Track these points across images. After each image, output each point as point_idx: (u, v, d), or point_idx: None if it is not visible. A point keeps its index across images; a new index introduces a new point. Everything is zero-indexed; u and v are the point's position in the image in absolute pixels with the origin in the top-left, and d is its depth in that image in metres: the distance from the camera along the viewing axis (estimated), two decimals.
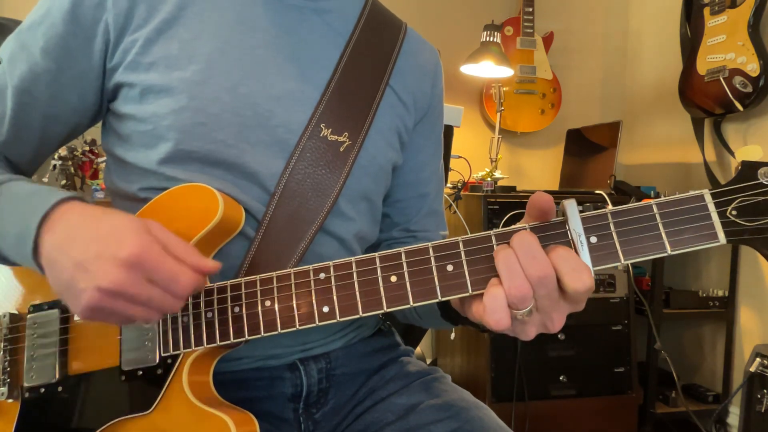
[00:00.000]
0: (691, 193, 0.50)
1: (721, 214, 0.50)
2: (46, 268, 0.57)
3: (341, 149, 0.73)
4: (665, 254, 0.50)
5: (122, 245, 0.53)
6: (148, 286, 0.54)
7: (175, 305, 0.56)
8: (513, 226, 0.54)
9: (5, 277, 0.72)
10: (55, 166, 1.91)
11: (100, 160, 2.04)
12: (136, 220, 0.56)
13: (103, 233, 0.55)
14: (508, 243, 0.52)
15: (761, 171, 0.48)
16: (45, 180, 1.90)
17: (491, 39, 2.52)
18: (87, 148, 2.02)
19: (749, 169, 0.49)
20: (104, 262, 0.53)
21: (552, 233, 0.53)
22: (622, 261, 0.51)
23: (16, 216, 0.59)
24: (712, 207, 0.50)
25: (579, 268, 0.50)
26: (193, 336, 0.61)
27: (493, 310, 0.50)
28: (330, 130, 0.72)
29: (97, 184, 2.00)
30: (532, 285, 0.50)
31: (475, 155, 2.50)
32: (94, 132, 0.76)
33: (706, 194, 0.50)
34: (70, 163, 1.94)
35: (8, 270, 0.72)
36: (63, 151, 1.86)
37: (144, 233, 0.55)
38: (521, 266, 0.50)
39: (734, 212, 0.49)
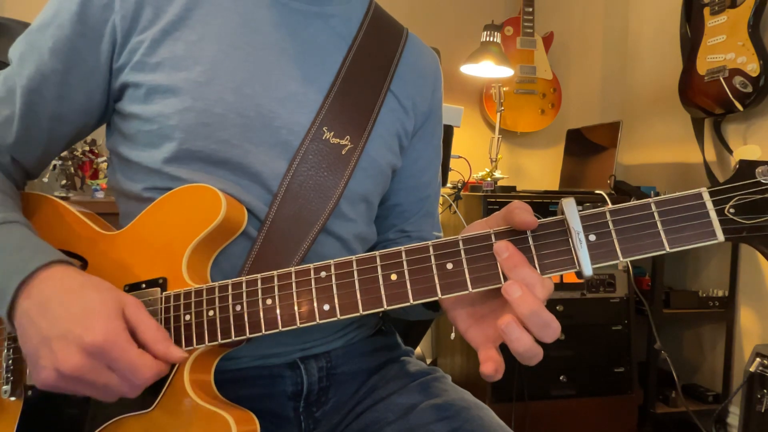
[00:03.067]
0: (690, 191, 0.51)
1: (719, 212, 0.50)
2: (17, 330, 0.59)
3: (343, 152, 0.73)
4: (663, 252, 0.51)
5: (88, 330, 0.54)
6: (106, 373, 0.55)
7: (132, 393, 0.58)
8: (511, 227, 0.54)
9: None
10: (55, 166, 1.91)
11: (100, 160, 2.04)
12: (110, 300, 0.58)
13: (75, 312, 0.56)
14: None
15: (759, 170, 0.49)
16: (45, 180, 1.91)
17: (491, 39, 2.53)
18: (87, 148, 2.03)
19: (747, 167, 0.50)
20: (67, 345, 0.54)
21: (551, 231, 0.53)
22: (621, 258, 0.51)
23: (1, 268, 0.60)
24: (710, 205, 0.50)
25: (538, 283, 0.53)
26: (194, 334, 0.62)
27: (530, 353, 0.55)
28: (332, 133, 0.73)
29: (97, 184, 2.00)
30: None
31: (475, 155, 2.50)
32: (95, 132, 0.77)
33: (704, 192, 0.51)
34: (70, 163, 1.95)
35: None
36: (63, 152, 1.86)
37: (113, 319, 0.56)
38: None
39: (732, 210, 0.50)
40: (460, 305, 0.61)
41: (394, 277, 0.56)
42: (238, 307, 0.61)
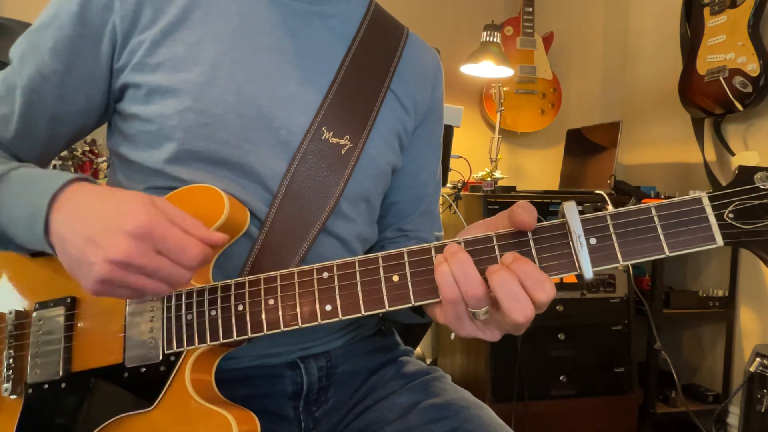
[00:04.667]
0: (689, 196, 0.51)
1: (719, 217, 0.51)
2: (56, 246, 0.59)
3: (342, 152, 0.74)
4: (663, 256, 0.51)
5: (129, 218, 0.55)
6: (156, 257, 0.55)
7: (183, 276, 0.57)
8: (512, 229, 0.55)
9: (11, 274, 0.73)
10: (55, 166, 1.91)
11: (100, 160, 2.04)
12: (141, 195, 0.58)
13: (111, 208, 0.56)
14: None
15: (758, 176, 0.50)
16: None
17: (491, 39, 2.53)
18: (87, 148, 2.02)
19: (746, 173, 0.50)
20: (112, 235, 0.54)
21: (552, 234, 0.54)
22: (621, 262, 0.52)
23: (25, 198, 0.61)
24: (709, 210, 0.51)
25: (540, 279, 0.52)
26: (196, 334, 0.62)
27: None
28: (332, 133, 0.73)
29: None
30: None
31: (475, 155, 2.50)
32: (95, 132, 0.77)
33: (704, 197, 0.51)
34: (70, 163, 1.94)
35: (14, 267, 0.72)
36: (63, 151, 1.87)
37: (150, 206, 0.56)
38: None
39: (731, 215, 0.50)
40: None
41: (396, 278, 0.56)
42: (240, 307, 0.61)
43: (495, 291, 0.52)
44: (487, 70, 2.56)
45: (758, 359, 1.83)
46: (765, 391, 1.79)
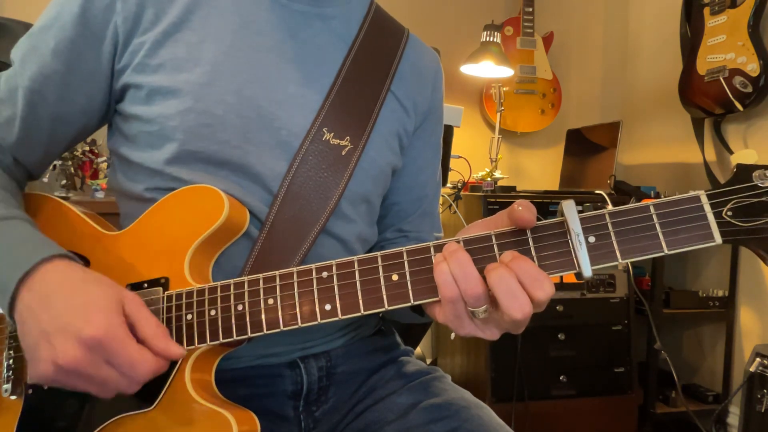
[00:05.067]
0: (688, 194, 0.51)
1: (717, 215, 0.51)
2: (17, 324, 0.59)
3: (343, 153, 0.74)
4: (662, 254, 0.51)
5: (88, 324, 0.54)
6: (105, 368, 0.55)
7: (130, 388, 0.57)
8: (511, 228, 0.55)
9: None
10: (55, 166, 1.91)
11: (100, 160, 2.04)
12: (111, 295, 0.58)
13: (75, 306, 0.56)
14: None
15: (756, 174, 0.50)
16: (45, 180, 1.91)
17: (491, 39, 2.53)
18: (87, 148, 2.03)
19: (744, 171, 0.50)
20: (66, 338, 0.54)
21: (551, 233, 0.54)
22: (620, 260, 0.52)
23: (1, 264, 0.60)
24: (708, 208, 0.51)
25: (539, 278, 0.52)
26: (196, 334, 0.62)
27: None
28: (332, 134, 0.73)
29: (97, 184, 2.00)
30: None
31: (475, 155, 2.50)
32: (95, 132, 0.78)
33: (702, 195, 0.51)
34: (70, 163, 1.95)
35: None
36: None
37: (113, 313, 0.56)
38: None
39: (729, 213, 0.50)
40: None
41: (395, 277, 0.57)
42: (240, 307, 0.61)
43: (493, 289, 0.52)
44: (487, 70, 2.56)
45: (758, 359, 1.83)
46: (765, 391, 1.79)
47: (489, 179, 2.35)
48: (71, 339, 0.54)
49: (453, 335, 2.34)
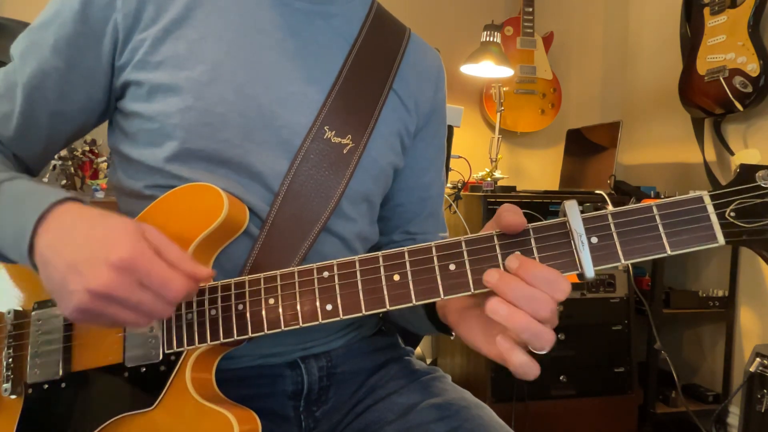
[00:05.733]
0: (690, 195, 0.51)
1: (720, 216, 0.50)
2: (39, 267, 0.57)
3: (344, 151, 0.74)
4: (665, 255, 0.51)
5: (115, 248, 0.53)
6: (138, 291, 0.54)
7: (165, 311, 0.56)
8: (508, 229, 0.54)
9: (9, 274, 0.72)
10: (55, 166, 1.91)
11: (100, 160, 2.04)
12: (131, 223, 0.57)
13: (97, 235, 0.55)
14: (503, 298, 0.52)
15: (759, 174, 0.49)
16: (45, 180, 1.91)
17: (491, 39, 2.53)
18: (87, 148, 2.03)
19: (747, 171, 0.50)
20: (96, 265, 0.53)
21: (553, 233, 0.53)
22: (623, 261, 0.52)
23: (13, 215, 0.60)
24: (710, 209, 0.51)
25: (554, 279, 0.51)
26: (196, 333, 0.62)
27: (524, 369, 0.52)
28: (334, 133, 0.73)
29: (97, 184, 2.00)
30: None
31: (475, 155, 2.50)
32: (95, 132, 0.77)
33: (705, 196, 0.51)
34: (70, 163, 1.95)
35: (12, 267, 0.72)
36: (63, 151, 1.87)
37: (138, 237, 0.55)
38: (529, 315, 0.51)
39: (733, 214, 0.50)
40: (471, 324, 0.60)
41: (396, 277, 0.56)
42: (241, 307, 0.61)
43: (512, 301, 0.51)
44: (487, 70, 2.56)
45: (758, 359, 1.83)
46: (765, 391, 1.79)
47: (489, 179, 2.35)
48: (101, 264, 0.53)
49: (453, 335, 2.33)
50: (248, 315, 0.60)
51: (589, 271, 0.52)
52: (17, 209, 0.60)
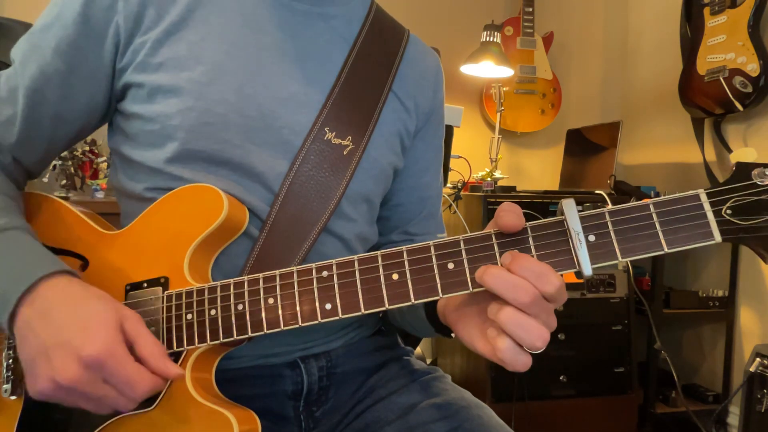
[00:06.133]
0: (687, 192, 0.51)
1: (717, 213, 0.51)
2: (17, 338, 0.59)
3: (344, 152, 0.74)
4: (662, 252, 0.51)
5: (87, 342, 0.55)
6: (102, 386, 0.56)
7: (127, 406, 0.58)
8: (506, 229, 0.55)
9: None
10: (55, 166, 1.91)
11: (100, 160, 2.04)
12: (111, 312, 0.58)
13: (74, 323, 0.56)
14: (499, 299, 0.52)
15: (755, 172, 0.50)
16: (45, 180, 1.91)
17: (491, 39, 2.53)
18: (87, 148, 2.03)
19: (743, 169, 0.50)
20: (65, 356, 0.55)
21: (551, 232, 0.54)
22: (620, 259, 0.52)
23: (2, 276, 0.60)
24: (707, 206, 0.51)
25: (543, 272, 0.51)
26: (196, 333, 0.62)
27: (511, 354, 0.52)
28: (334, 134, 0.73)
29: (97, 184, 2.01)
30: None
31: (475, 155, 2.51)
32: (95, 132, 0.78)
33: (702, 194, 0.51)
34: (70, 163, 1.95)
35: None
36: (64, 151, 1.87)
37: (112, 331, 0.56)
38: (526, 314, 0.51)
39: (729, 211, 0.50)
40: (469, 322, 0.60)
41: (395, 276, 0.56)
42: (240, 306, 0.61)
43: (493, 290, 0.52)
44: (487, 70, 2.56)
45: (758, 359, 1.83)
46: (765, 391, 1.79)
47: (489, 179, 2.35)
48: (70, 357, 0.55)
49: (453, 335, 2.33)
50: (248, 315, 0.61)
51: (587, 269, 0.52)
52: (6, 273, 0.60)
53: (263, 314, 0.60)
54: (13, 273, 0.60)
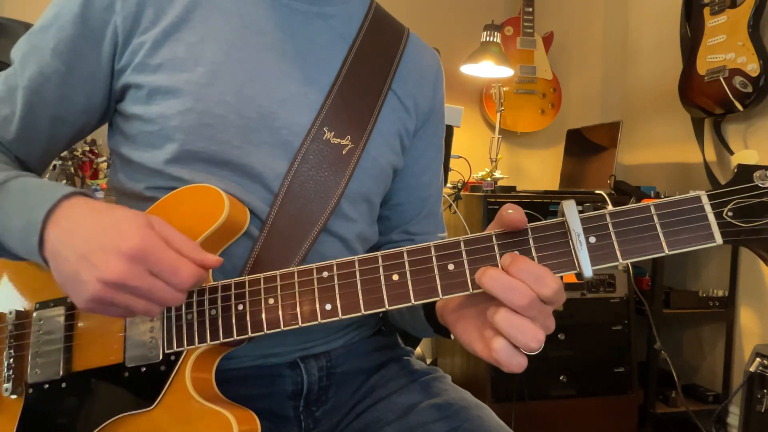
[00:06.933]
0: (688, 194, 0.51)
1: (718, 215, 0.51)
2: (50, 261, 0.58)
3: (344, 152, 0.74)
4: (663, 254, 0.51)
5: (125, 238, 0.54)
6: (150, 279, 0.55)
7: (177, 298, 0.57)
8: (508, 230, 0.55)
9: (11, 274, 0.73)
10: (55, 166, 1.91)
11: (100, 160, 2.05)
12: (139, 214, 0.58)
13: (107, 226, 0.56)
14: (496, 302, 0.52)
15: (756, 174, 0.50)
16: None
17: (491, 39, 2.53)
18: (87, 148, 2.03)
19: (745, 172, 0.50)
20: (107, 254, 0.54)
21: (552, 233, 0.54)
22: (621, 261, 0.52)
23: (22, 210, 0.60)
24: (708, 208, 0.51)
25: (540, 275, 0.51)
26: (196, 333, 0.62)
27: (505, 354, 0.52)
28: (333, 134, 0.73)
29: (97, 184, 2.01)
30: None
31: (475, 155, 2.51)
32: (95, 132, 0.78)
33: (703, 196, 0.51)
34: (70, 163, 1.95)
35: (14, 267, 0.72)
36: (63, 151, 1.87)
37: (146, 227, 0.56)
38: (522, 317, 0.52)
39: (730, 213, 0.50)
40: (467, 324, 0.60)
41: (395, 277, 0.56)
42: (240, 307, 0.61)
43: (490, 292, 0.52)
44: (487, 70, 2.56)
45: (758, 359, 1.83)
46: (765, 391, 1.79)
47: (489, 179, 2.35)
48: (112, 254, 0.54)
49: (452, 336, 2.33)
50: (248, 315, 0.61)
51: (587, 271, 0.52)
52: (25, 205, 0.60)
53: (263, 314, 0.60)
54: (32, 203, 0.60)
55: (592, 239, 0.52)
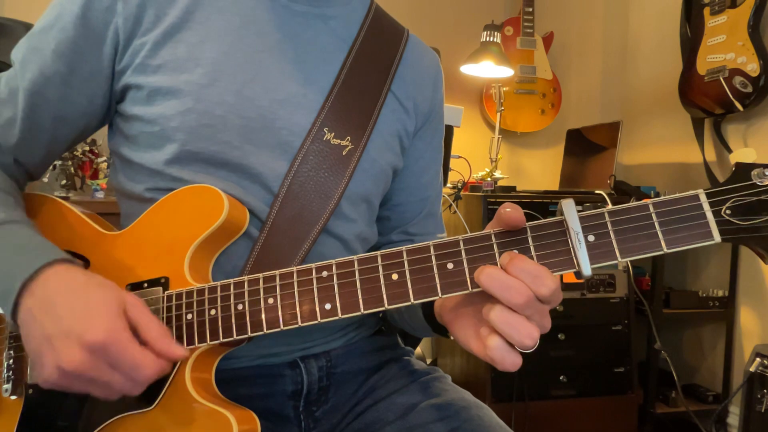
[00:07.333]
0: (687, 193, 0.51)
1: (716, 213, 0.51)
2: (21, 327, 0.59)
3: (344, 153, 0.74)
4: (661, 252, 0.51)
5: (90, 328, 0.55)
6: (108, 371, 0.56)
7: (134, 390, 0.58)
8: (507, 229, 0.55)
9: None
10: (55, 166, 1.92)
11: (100, 160, 2.05)
12: (113, 298, 0.58)
13: (77, 310, 0.56)
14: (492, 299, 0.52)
15: (754, 172, 0.50)
16: (45, 180, 1.91)
17: (491, 39, 2.53)
18: (87, 148, 2.03)
19: (743, 170, 0.51)
20: (69, 343, 0.55)
21: (551, 232, 0.54)
22: (619, 259, 0.52)
23: (2, 269, 0.61)
24: (706, 206, 0.51)
25: (538, 274, 0.51)
26: (196, 333, 0.62)
27: (500, 353, 0.52)
28: (333, 134, 0.73)
29: (97, 184, 2.01)
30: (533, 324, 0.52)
31: (475, 155, 2.51)
32: (95, 132, 0.78)
33: (701, 194, 0.51)
34: (70, 163, 1.95)
35: None
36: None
37: (115, 317, 0.56)
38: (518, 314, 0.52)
39: (728, 211, 0.50)
40: (464, 322, 0.60)
41: (395, 276, 0.57)
42: (240, 306, 0.61)
43: (488, 290, 0.52)
44: (487, 70, 2.56)
45: (758, 359, 1.83)
46: (765, 391, 1.79)
47: (489, 179, 2.36)
48: (75, 344, 0.55)
49: (451, 336, 2.33)
50: (248, 315, 0.61)
51: (586, 269, 0.52)
52: (7, 264, 0.60)
53: (263, 314, 0.60)
54: (13, 265, 0.60)
55: (591, 238, 0.52)
